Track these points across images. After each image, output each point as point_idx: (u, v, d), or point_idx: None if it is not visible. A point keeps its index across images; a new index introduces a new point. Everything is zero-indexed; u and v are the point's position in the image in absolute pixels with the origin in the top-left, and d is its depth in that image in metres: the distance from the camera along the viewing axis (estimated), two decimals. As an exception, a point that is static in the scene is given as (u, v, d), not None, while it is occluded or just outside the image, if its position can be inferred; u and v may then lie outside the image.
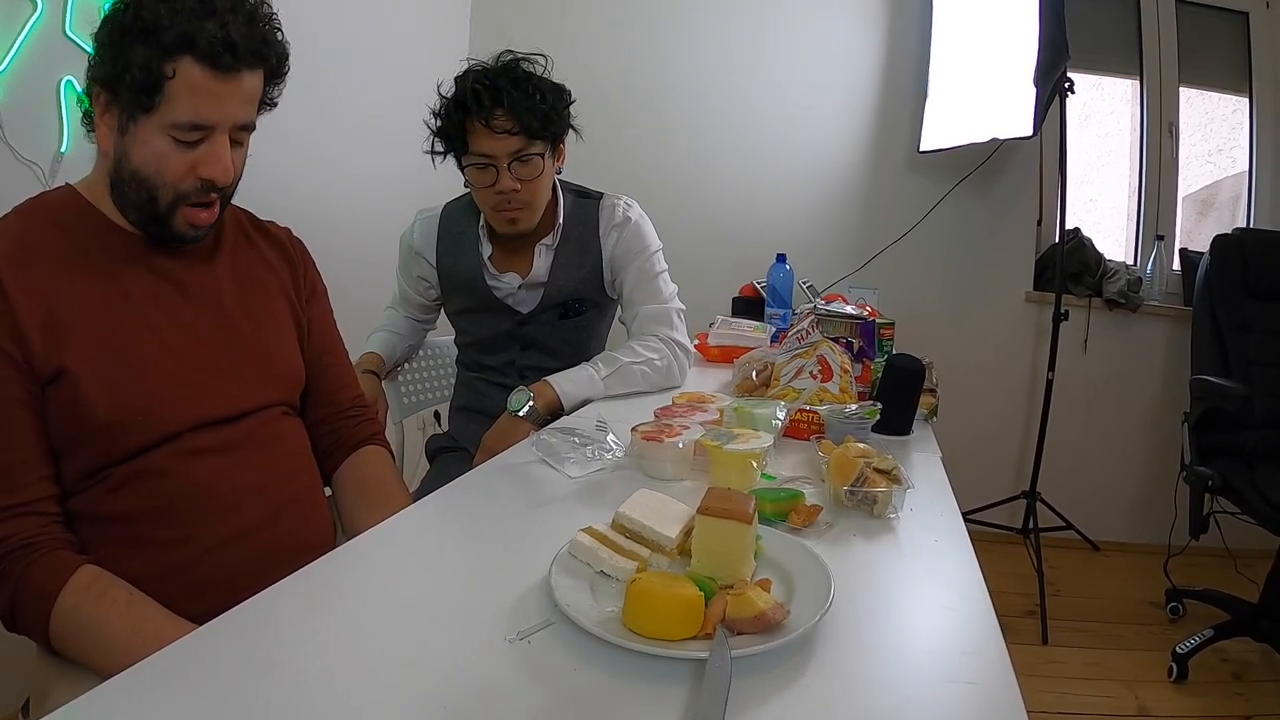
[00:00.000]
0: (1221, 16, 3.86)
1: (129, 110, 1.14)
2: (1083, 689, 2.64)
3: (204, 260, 1.33)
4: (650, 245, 2.10)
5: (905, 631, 0.93)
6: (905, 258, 3.84)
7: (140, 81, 1.11)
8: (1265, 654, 2.80)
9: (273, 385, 1.36)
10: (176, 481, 1.19)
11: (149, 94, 1.12)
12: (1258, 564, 2.96)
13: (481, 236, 2.01)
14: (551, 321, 2.05)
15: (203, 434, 1.22)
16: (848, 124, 3.88)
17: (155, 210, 1.20)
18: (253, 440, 1.29)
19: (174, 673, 0.75)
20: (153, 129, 1.15)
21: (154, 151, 1.16)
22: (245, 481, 1.25)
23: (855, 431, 1.48)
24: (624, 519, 1.01)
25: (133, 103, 1.13)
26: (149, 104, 1.13)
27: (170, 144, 1.16)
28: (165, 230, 1.22)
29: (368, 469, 1.51)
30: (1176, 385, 3.64)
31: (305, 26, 2.81)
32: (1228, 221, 3.96)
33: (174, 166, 1.17)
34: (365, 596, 0.92)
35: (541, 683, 0.76)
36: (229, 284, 1.34)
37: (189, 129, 1.15)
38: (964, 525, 1.22)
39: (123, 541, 1.16)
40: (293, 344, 1.44)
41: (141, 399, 1.17)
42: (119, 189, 1.20)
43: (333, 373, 1.53)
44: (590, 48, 3.91)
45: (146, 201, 1.19)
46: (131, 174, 1.17)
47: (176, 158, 1.17)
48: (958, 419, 3.05)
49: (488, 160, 1.83)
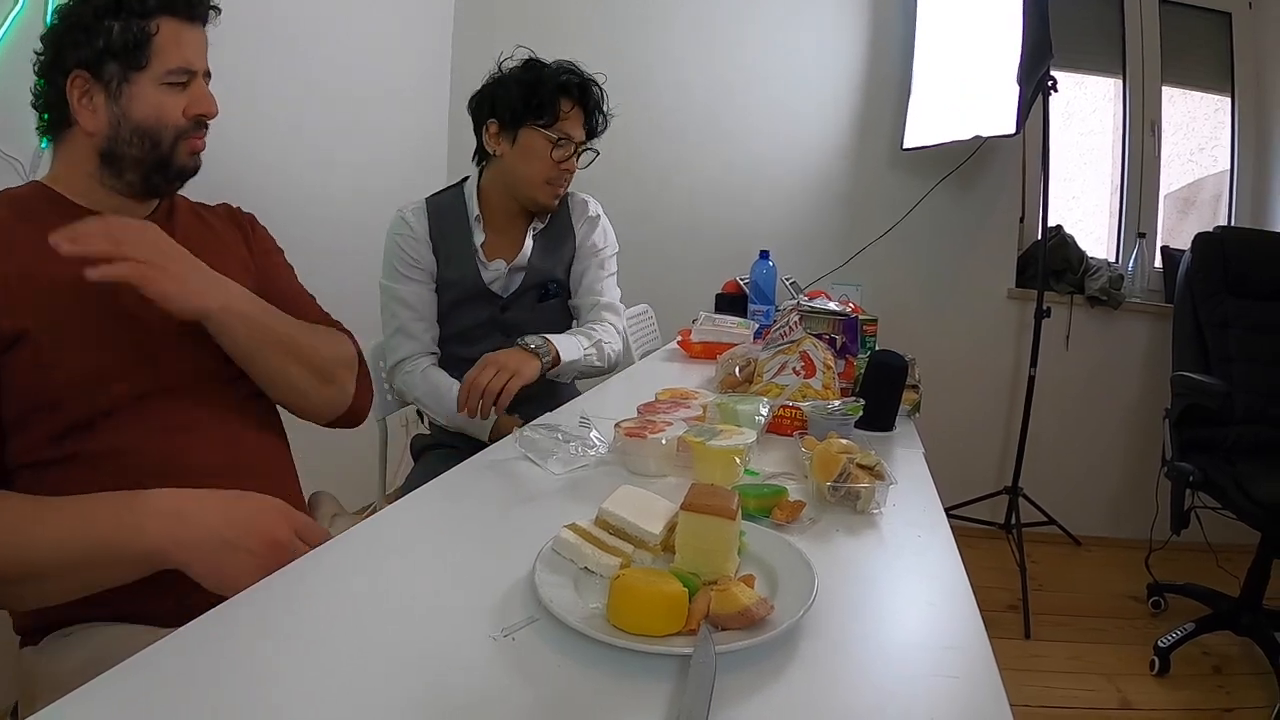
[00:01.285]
0: (1204, 16, 3.89)
1: (119, 76, 1.24)
2: (1065, 683, 2.66)
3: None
4: (612, 244, 2.33)
5: (888, 626, 0.93)
6: (888, 254, 3.86)
7: (130, 44, 1.23)
8: (1246, 647, 2.83)
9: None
10: (142, 458, 1.19)
11: (139, 51, 1.24)
12: (1238, 559, 2.99)
13: (476, 226, 2.12)
14: (530, 305, 2.17)
15: (164, 404, 1.24)
16: (831, 121, 3.89)
17: (159, 154, 1.30)
18: (218, 413, 1.30)
19: (155, 674, 0.74)
20: (147, 83, 1.26)
21: (152, 102, 1.27)
22: (211, 462, 1.25)
23: (838, 427, 1.48)
24: (608, 515, 1.00)
25: (125, 66, 1.24)
26: (141, 60, 1.24)
27: (164, 92, 1.28)
28: (168, 169, 1.32)
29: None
30: (1158, 382, 3.67)
31: (289, 27, 2.82)
32: (1209, 219, 3.99)
33: (171, 110, 1.29)
34: (348, 594, 0.91)
35: (526, 679, 0.75)
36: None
37: (180, 73, 1.28)
38: (947, 521, 1.22)
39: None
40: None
41: (101, 359, 1.20)
42: (117, 154, 1.27)
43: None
44: (573, 44, 3.86)
45: (150, 149, 1.28)
46: (134, 130, 1.26)
47: (171, 102, 1.29)
48: (941, 415, 3.07)
49: (570, 140, 2.07)
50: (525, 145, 2.06)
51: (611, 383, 2.16)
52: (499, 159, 2.11)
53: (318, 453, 1.87)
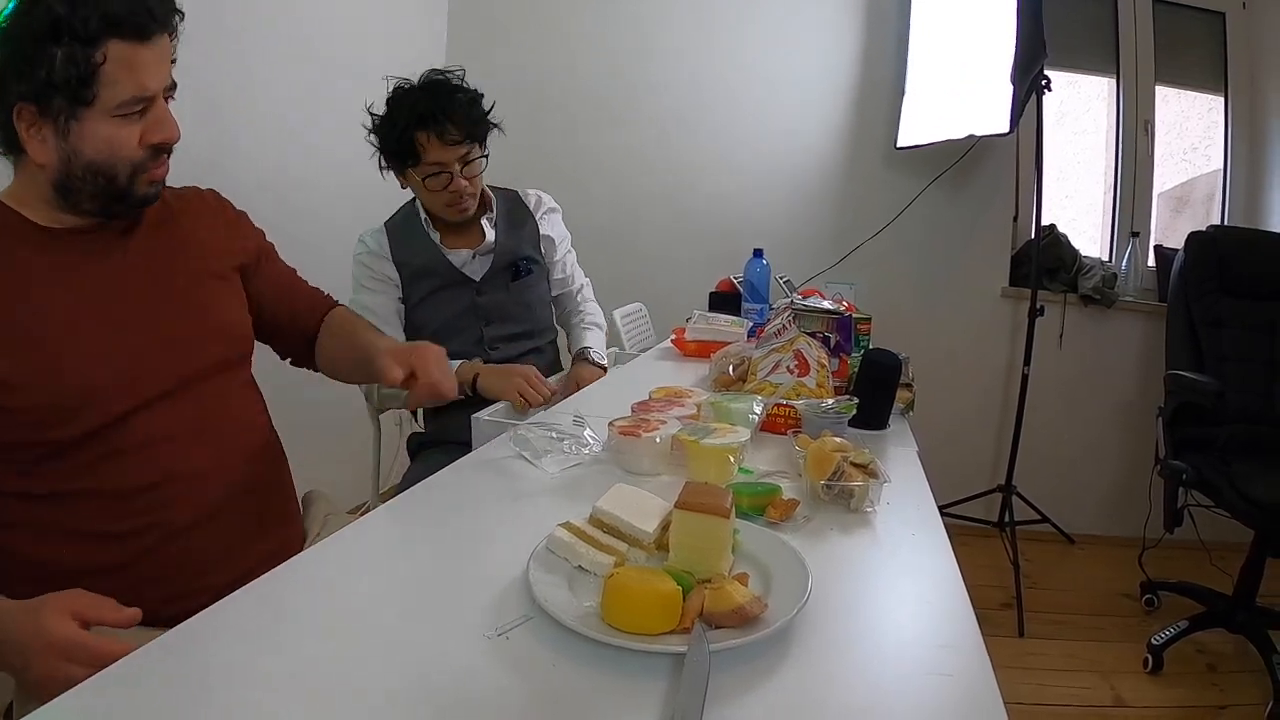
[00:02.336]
0: (1198, 16, 3.90)
1: (66, 111, 1.12)
2: (1059, 680, 2.66)
3: (122, 237, 1.29)
4: (568, 234, 2.46)
5: (882, 624, 0.93)
6: (882, 253, 3.86)
7: (73, 78, 1.09)
8: (1239, 645, 2.83)
9: (211, 340, 1.34)
10: (129, 472, 1.17)
11: (84, 87, 1.10)
12: (1231, 557, 3.00)
13: (428, 227, 2.18)
14: (504, 285, 2.23)
15: (145, 416, 1.20)
16: (825, 120, 3.89)
17: (115, 188, 1.19)
18: (201, 416, 1.27)
19: (147, 675, 0.74)
20: (97, 118, 1.14)
21: (104, 138, 1.15)
22: (200, 465, 1.24)
23: (832, 426, 1.49)
24: (602, 514, 1.00)
25: (70, 101, 1.11)
26: (87, 96, 1.11)
27: (117, 125, 1.15)
28: (128, 200, 1.22)
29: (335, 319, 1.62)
30: (1151, 380, 3.67)
31: (280, 26, 2.82)
32: (1202, 219, 3.99)
33: (125, 143, 1.17)
34: (343, 593, 0.91)
35: (520, 678, 0.75)
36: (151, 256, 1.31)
37: (133, 104, 1.15)
38: (940, 519, 1.23)
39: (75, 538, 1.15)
40: (231, 297, 1.42)
41: (72, 382, 1.14)
42: (68, 187, 1.17)
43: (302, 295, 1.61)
44: (569, 44, 3.91)
45: (105, 186, 1.18)
46: (85, 168, 1.16)
47: (125, 134, 1.17)
48: (934, 413, 3.07)
49: (441, 167, 2.05)
50: (413, 183, 2.12)
51: (606, 381, 2.17)
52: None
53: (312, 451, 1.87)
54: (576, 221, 2.54)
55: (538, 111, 3.85)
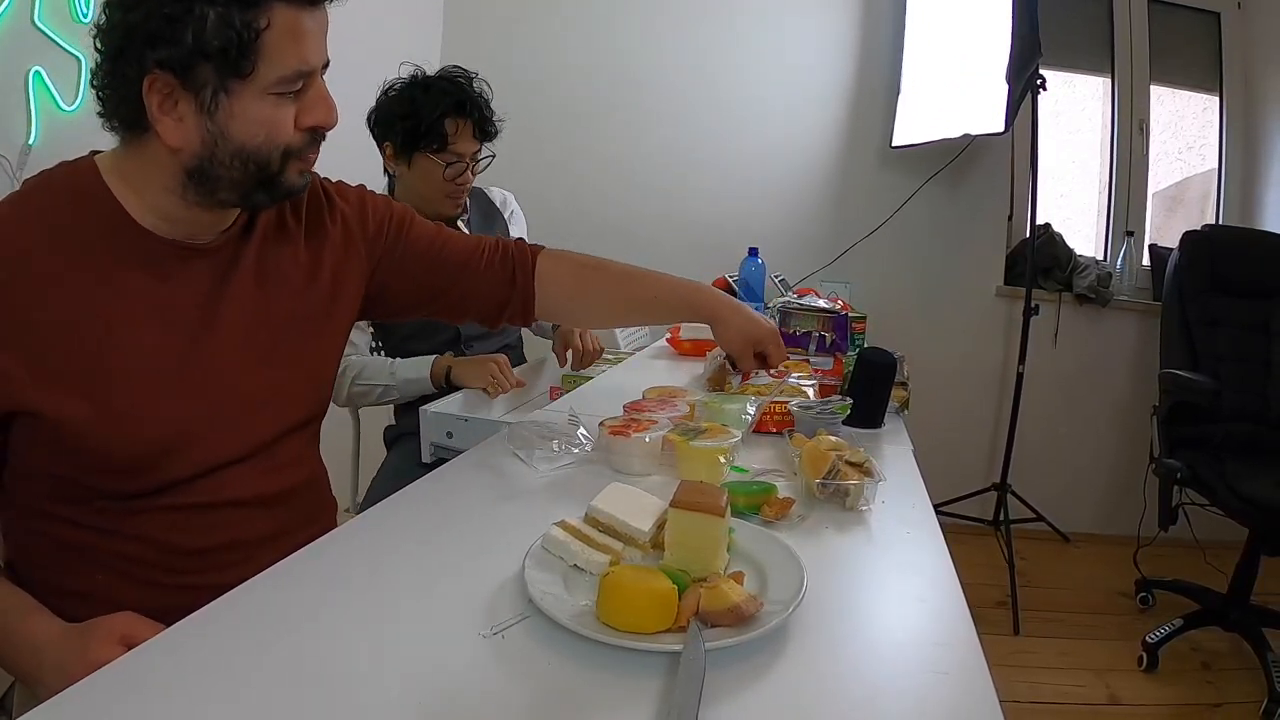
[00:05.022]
0: (1193, 16, 3.91)
1: (216, 85, 0.97)
2: (1054, 678, 2.67)
3: (232, 249, 1.15)
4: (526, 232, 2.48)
5: (877, 623, 0.94)
6: (877, 252, 3.86)
7: (231, 45, 0.94)
8: (1234, 643, 2.84)
9: (299, 400, 1.24)
10: (189, 532, 1.10)
11: (243, 57, 0.95)
12: (1226, 555, 3.00)
13: None
14: None
15: (216, 480, 1.11)
16: (821, 118, 3.89)
17: (266, 175, 1.05)
18: (270, 482, 1.18)
19: (145, 671, 0.74)
20: (251, 94, 0.98)
21: (259, 119, 1.00)
22: (262, 532, 1.16)
23: (827, 425, 1.48)
24: (597, 512, 1.00)
25: (223, 73, 0.96)
26: (245, 68, 0.96)
27: (274, 104, 1.01)
28: (274, 190, 1.08)
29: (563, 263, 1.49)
30: (1146, 379, 3.68)
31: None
32: (1197, 218, 4.00)
33: (283, 126, 1.03)
34: (337, 592, 0.91)
35: (516, 677, 0.75)
36: (258, 281, 1.17)
37: (294, 79, 1.01)
38: (935, 517, 1.23)
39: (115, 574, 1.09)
40: (330, 339, 1.29)
41: (151, 434, 1.04)
42: (207, 174, 1.02)
43: (472, 268, 1.43)
44: (564, 42, 3.90)
45: (255, 172, 1.04)
46: (234, 153, 1.01)
47: (283, 115, 1.02)
48: (929, 412, 3.07)
49: (461, 157, 2.09)
50: (421, 168, 2.10)
51: (599, 381, 2.16)
52: (400, 178, 2.17)
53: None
54: (570, 220, 2.55)
55: (531, 110, 3.83)
